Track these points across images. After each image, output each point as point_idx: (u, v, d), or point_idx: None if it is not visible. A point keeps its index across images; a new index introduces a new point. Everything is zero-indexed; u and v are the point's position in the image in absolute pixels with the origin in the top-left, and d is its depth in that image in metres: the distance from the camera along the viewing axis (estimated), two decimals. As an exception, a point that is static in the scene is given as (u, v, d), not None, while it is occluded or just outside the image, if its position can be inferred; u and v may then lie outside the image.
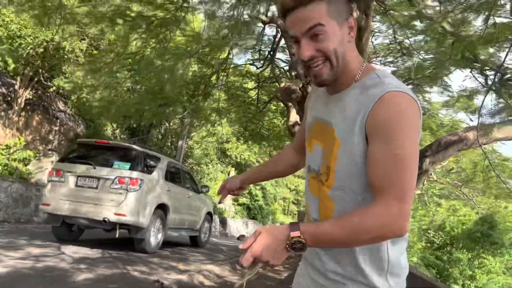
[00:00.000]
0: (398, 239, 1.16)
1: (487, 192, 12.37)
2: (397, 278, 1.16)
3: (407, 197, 1.03)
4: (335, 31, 1.11)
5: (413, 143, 1.05)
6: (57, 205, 6.81)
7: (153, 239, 7.38)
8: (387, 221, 1.02)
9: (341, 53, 1.13)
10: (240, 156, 25.93)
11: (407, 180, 1.04)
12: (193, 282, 5.47)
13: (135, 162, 7.08)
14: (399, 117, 1.04)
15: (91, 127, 15.02)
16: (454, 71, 9.62)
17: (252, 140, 14.44)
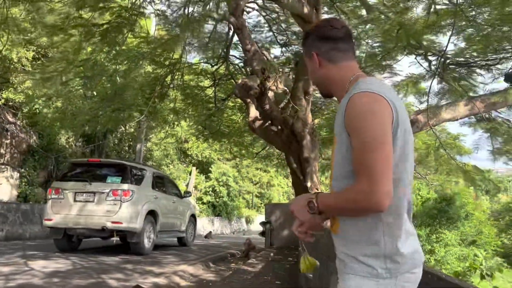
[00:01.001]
0: (393, 229, 1.32)
1: (439, 170, 13.07)
2: (395, 264, 1.30)
3: (377, 175, 1.23)
4: (308, 66, 1.56)
5: (378, 131, 1.27)
6: (59, 220, 7.75)
7: (147, 241, 8.32)
8: (359, 195, 1.25)
9: (315, 80, 1.57)
10: (201, 154, 25.87)
11: (375, 161, 1.24)
12: (170, 284, 5.53)
13: (125, 176, 8.10)
14: (363, 113, 1.29)
15: (44, 137, 14.53)
16: (401, 59, 10.09)
17: (213, 138, 14.48)
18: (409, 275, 1.33)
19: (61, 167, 15.32)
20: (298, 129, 9.11)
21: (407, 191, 1.36)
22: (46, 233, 11.90)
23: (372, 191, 1.23)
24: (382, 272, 1.30)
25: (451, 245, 15.90)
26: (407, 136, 1.35)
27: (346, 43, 1.51)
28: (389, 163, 1.26)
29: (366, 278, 1.31)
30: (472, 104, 8.62)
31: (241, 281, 4.87)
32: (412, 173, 1.41)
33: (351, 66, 1.49)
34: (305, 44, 1.56)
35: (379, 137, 1.26)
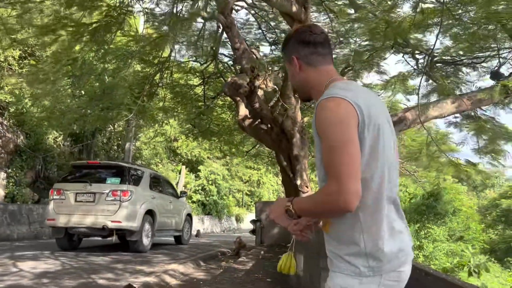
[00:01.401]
0: (372, 227, 1.36)
1: (429, 167, 13.20)
2: (378, 262, 1.33)
3: (343, 176, 1.27)
4: (289, 70, 1.61)
5: (343, 134, 1.32)
6: (60, 219, 8.07)
7: (145, 240, 8.70)
8: (328, 197, 1.31)
9: (296, 83, 1.62)
10: (191, 153, 25.79)
11: (342, 163, 1.29)
12: (161, 283, 5.53)
13: (124, 177, 8.47)
14: (327, 118, 1.36)
15: (31, 137, 14.37)
16: (388, 57, 10.16)
17: (202, 137, 14.45)
18: (395, 273, 1.36)
19: (49, 167, 15.18)
20: (288, 128, 9.15)
21: (385, 188, 1.38)
22: (34, 233, 11.81)
23: (340, 191, 1.27)
24: (365, 270, 1.33)
25: (439, 241, 16.11)
26: (379, 133, 1.38)
27: (325, 48, 1.56)
28: (354, 164, 1.30)
29: (350, 276, 1.35)
30: (459, 101, 8.72)
31: (231, 279, 4.89)
32: (394, 169, 1.45)
33: (329, 70, 1.55)
34: (286, 48, 1.61)
35: (342, 140, 1.31)
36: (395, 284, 1.37)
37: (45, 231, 12.38)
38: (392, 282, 1.36)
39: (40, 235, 12.10)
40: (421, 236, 16.40)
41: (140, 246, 8.52)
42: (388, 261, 1.34)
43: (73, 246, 8.70)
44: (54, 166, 15.48)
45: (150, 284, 5.26)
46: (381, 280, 1.33)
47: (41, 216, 12.48)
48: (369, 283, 1.33)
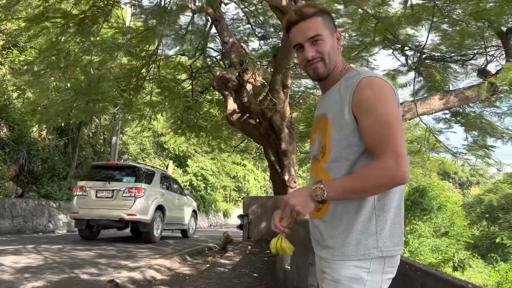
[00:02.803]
0: (384, 210, 1.36)
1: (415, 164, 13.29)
2: (386, 245, 1.34)
3: (398, 149, 1.28)
4: (328, 39, 1.47)
5: (392, 110, 1.34)
6: (83, 212, 9.24)
7: (156, 231, 9.84)
8: (383, 171, 1.28)
9: (332, 56, 1.48)
10: (178, 148, 25.61)
11: (395, 136, 1.30)
12: (146, 278, 5.44)
13: (138, 176, 9.63)
14: (375, 93, 1.34)
15: (15, 130, 14.09)
16: (377, 52, 10.16)
17: (190, 132, 14.32)
18: (394, 260, 1.38)
19: (33, 160, 14.92)
20: (276, 122, 9.10)
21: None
22: (17, 227, 11.61)
23: (398, 165, 1.27)
24: (374, 251, 1.33)
25: (424, 237, 16.26)
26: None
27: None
28: (404, 139, 1.33)
29: (355, 263, 1.33)
30: (447, 98, 8.77)
31: (218, 274, 4.83)
32: None
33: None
34: (329, 19, 1.51)
35: (395, 116, 1.33)
36: (393, 270, 1.39)
37: (28, 226, 12.19)
38: (391, 268, 1.38)
39: (24, 230, 11.89)
40: (406, 232, 16.56)
41: (151, 237, 9.60)
42: (393, 246, 1.36)
43: (93, 236, 9.96)
44: (39, 160, 15.21)
45: (134, 279, 5.17)
46: (385, 266, 1.35)
47: (25, 210, 12.28)
48: (375, 268, 1.33)
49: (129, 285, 4.85)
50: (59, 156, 16.43)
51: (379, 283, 1.34)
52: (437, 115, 9.75)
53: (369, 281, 1.32)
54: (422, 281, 1.95)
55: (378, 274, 1.33)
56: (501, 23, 8.21)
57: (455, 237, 17.49)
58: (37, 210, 12.86)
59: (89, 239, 9.68)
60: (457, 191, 44.98)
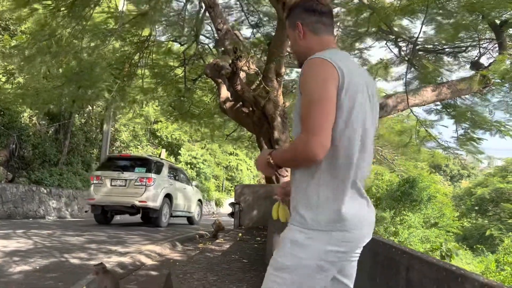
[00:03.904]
0: (330, 186, 1.44)
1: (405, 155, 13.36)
2: (320, 211, 1.43)
3: (314, 127, 1.38)
4: (291, 36, 1.68)
5: (318, 89, 1.41)
6: (99, 199, 10.17)
7: (164, 217, 10.79)
8: (298, 145, 1.41)
9: (295, 48, 1.68)
10: (171, 136, 25.53)
11: (315, 116, 1.39)
12: (135, 263, 5.45)
13: (149, 167, 10.51)
14: (307, 74, 1.46)
15: (5, 114, 13.94)
16: (372, 43, 10.15)
17: (182, 119, 14.26)
18: (347, 234, 1.43)
19: (24, 146, 14.80)
20: (270, 111, 9.09)
21: (353, 157, 1.45)
22: (7, 213, 11.55)
23: (309, 141, 1.37)
24: (312, 223, 1.42)
25: (414, 227, 16.41)
26: (355, 104, 1.45)
27: (329, 18, 1.65)
28: (327, 118, 1.39)
29: (298, 229, 1.45)
30: (439, 90, 8.79)
31: (208, 259, 4.85)
32: (366, 144, 1.51)
33: (330, 40, 1.64)
34: (291, 15, 1.67)
35: (320, 95, 1.40)
36: (347, 244, 1.44)
37: (19, 211, 12.13)
38: (342, 243, 1.43)
39: (14, 215, 11.84)
40: (396, 222, 16.70)
41: (160, 222, 10.56)
42: (339, 220, 1.41)
43: (107, 221, 10.93)
44: (29, 145, 15.09)
45: (124, 264, 5.18)
46: (330, 237, 1.41)
47: (15, 195, 12.21)
48: (316, 236, 1.42)
49: (119, 270, 4.85)
50: (50, 142, 16.30)
51: (319, 252, 1.41)
52: (429, 107, 9.78)
53: (308, 247, 1.41)
54: (408, 264, 1.97)
55: (318, 243, 1.41)
56: (495, 16, 8.22)
57: (444, 228, 17.68)
58: (28, 195, 12.80)
59: (103, 223, 10.66)
60: (447, 183, 45.39)
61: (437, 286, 1.76)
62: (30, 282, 4.14)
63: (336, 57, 1.47)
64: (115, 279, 3.83)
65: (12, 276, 4.34)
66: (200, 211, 13.94)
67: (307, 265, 1.42)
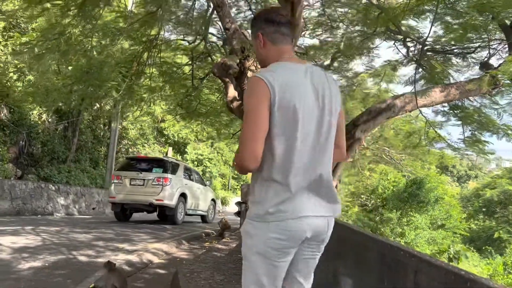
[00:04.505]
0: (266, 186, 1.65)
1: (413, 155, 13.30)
2: (260, 206, 1.65)
3: (243, 140, 1.60)
4: (254, 45, 1.85)
5: (252, 105, 1.61)
6: (119, 198, 10.81)
7: (179, 215, 11.47)
8: (235, 157, 1.65)
9: (257, 55, 1.87)
10: (178, 134, 25.60)
11: (246, 129, 1.62)
12: (143, 261, 5.49)
13: (165, 168, 11.19)
14: (245, 92, 1.68)
15: (15, 112, 14.07)
16: (380, 43, 10.11)
17: (189, 118, 14.27)
18: (283, 223, 1.61)
19: (33, 143, 14.93)
20: (276, 111, 9.07)
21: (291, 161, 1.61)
22: (16, 209, 11.66)
23: (240, 152, 1.59)
24: (254, 216, 1.67)
25: (420, 228, 16.33)
26: (293, 114, 1.60)
27: (287, 28, 1.78)
28: (256, 132, 1.58)
29: (248, 221, 1.70)
30: (448, 91, 8.73)
31: (214, 258, 4.88)
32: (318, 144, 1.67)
33: (286, 49, 1.78)
34: (253, 25, 1.84)
35: (250, 110, 1.60)
36: (287, 233, 1.62)
37: (27, 208, 12.24)
38: (282, 231, 1.62)
39: (23, 211, 11.95)
40: (403, 223, 16.63)
41: (175, 219, 11.24)
42: (269, 214, 1.62)
43: (126, 218, 11.55)
44: (38, 143, 15.22)
45: (132, 262, 5.22)
46: (268, 227, 1.62)
47: (24, 192, 12.32)
48: (259, 227, 1.64)
49: (126, 267, 4.89)
50: (58, 139, 16.43)
51: (264, 239, 1.63)
52: (436, 108, 9.72)
53: (254, 235, 1.66)
54: (416, 267, 1.98)
55: (262, 232, 1.63)
56: (505, 16, 8.14)
57: (451, 229, 17.57)
58: (36, 192, 12.91)
59: (123, 221, 11.29)
60: (455, 184, 45.11)
61: (445, 290, 1.76)
62: (39, 279, 4.19)
63: (271, 73, 1.63)
64: (123, 277, 3.86)
65: (21, 273, 4.39)
66: (213, 210, 14.68)
67: (257, 251, 1.65)
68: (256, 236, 1.65)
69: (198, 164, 25.96)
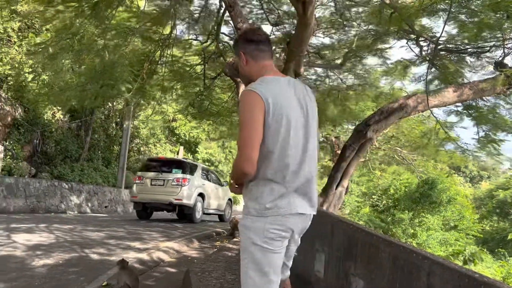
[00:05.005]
0: (262, 187, 1.85)
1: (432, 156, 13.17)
2: (259, 207, 1.85)
3: (241, 147, 1.80)
4: (238, 63, 2.06)
5: (248, 116, 1.80)
6: (141, 197, 11.37)
7: (197, 214, 11.97)
8: (234, 163, 1.86)
9: (241, 72, 2.07)
10: (189, 134, 25.70)
11: (242, 136, 1.80)
12: (154, 259, 5.53)
13: (184, 169, 11.73)
14: (241, 104, 1.85)
15: (29, 110, 14.27)
16: (393, 44, 10.03)
17: (200, 117, 14.34)
18: (279, 217, 1.83)
19: (47, 142, 15.12)
20: (287, 110, 9.05)
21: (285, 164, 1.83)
22: (30, 207, 11.82)
23: (239, 157, 1.80)
24: (254, 211, 1.86)
25: (433, 229, 16.17)
26: (284, 122, 1.83)
27: (266, 45, 2.01)
28: (252, 139, 1.78)
29: (246, 216, 1.89)
30: (461, 90, 8.64)
31: (225, 257, 4.89)
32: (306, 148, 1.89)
33: (266, 65, 2.00)
34: (236, 45, 2.08)
35: (246, 120, 1.80)
36: (283, 226, 1.85)
37: (41, 206, 12.40)
38: (278, 224, 1.84)
39: (37, 209, 12.11)
40: (415, 224, 16.49)
41: (193, 218, 11.74)
42: (266, 209, 1.83)
43: (147, 216, 12.20)
44: (52, 141, 15.41)
45: (143, 260, 5.26)
46: (266, 220, 1.83)
47: (38, 190, 12.48)
48: (258, 221, 1.84)
49: (138, 266, 4.93)
50: (71, 138, 16.61)
51: (262, 230, 1.83)
52: (449, 108, 9.61)
53: (253, 228, 1.84)
54: (429, 270, 1.96)
55: (260, 224, 1.83)
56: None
57: (464, 231, 17.38)
58: (50, 190, 13.07)
59: (144, 219, 11.95)
60: (467, 185, 44.58)
61: (459, 293, 1.74)
62: (53, 276, 4.24)
63: (265, 86, 1.84)
64: (135, 275, 3.89)
65: (35, 270, 4.45)
66: (230, 209, 15.07)
67: (255, 242, 1.83)
68: (255, 229, 1.85)
69: (209, 164, 26.02)
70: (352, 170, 8.81)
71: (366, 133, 8.32)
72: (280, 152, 1.82)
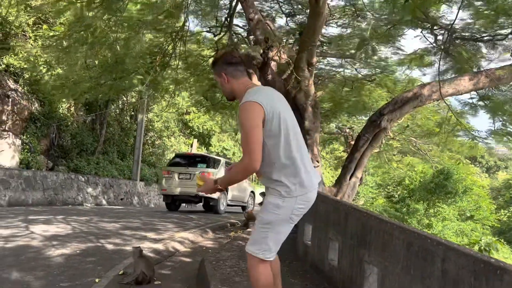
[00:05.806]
0: (283, 172, 2.26)
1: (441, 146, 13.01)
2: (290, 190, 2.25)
3: (251, 151, 2.18)
4: (218, 81, 2.49)
5: (249, 125, 2.19)
6: (170, 190, 12.32)
7: (221, 206, 12.72)
8: (244, 166, 2.24)
9: (223, 90, 2.48)
10: (203, 126, 25.79)
11: (249, 142, 2.18)
12: (169, 249, 5.59)
13: (208, 163, 12.67)
14: (243, 115, 2.22)
15: (45, 105, 14.46)
16: (406, 32, 9.89)
17: (214, 110, 14.36)
18: (304, 197, 2.28)
19: (63, 135, 15.33)
20: (300, 101, 9.01)
21: (288, 151, 2.26)
22: (48, 199, 12.03)
23: (250, 161, 2.19)
24: (284, 193, 2.25)
25: (448, 220, 16.01)
26: (281, 121, 2.25)
27: (242, 66, 2.41)
28: (256, 143, 2.18)
29: (277, 197, 2.27)
30: (477, 78, 8.49)
31: (239, 247, 4.92)
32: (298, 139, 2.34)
33: (245, 81, 2.42)
34: (215, 66, 2.45)
35: (249, 128, 2.19)
36: (306, 203, 2.31)
37: (59, 198, 12.61)
38: (303, 202, 2.29)
39: (54, 202, 12.33)
40: (430, 214, 16.35)
41: (218, 210, 12.50)
42: (295, 190, 2.26)
43: (176, 208, 13.15)
44: (68, 135, 15.62)
45: (158, 250, 5.32)
46: (296, 200, 2.26)
47: (55, 183, 12.69)
48: (289, 201, 2.25)
49: (154, 256, 4.99)
50: (87, 131, 16.82)
51: (291, 209, 2.26)
52: (464, 99, 9.47)
53: (284, 207, 2.25)
54: (444, 255, 1.94)
55: (291, 204, 2.26)
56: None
57: (480, 221, 17.17)
58: (67, 183, 13.28)
59: (173, 210, 12.84)
60: (484, 175, 43.98)
61: (475, 278, 1.73)
62: (71, 265, 4.33)
63: (258, 96, 2.25)
64: (151, 264, 3.95)
65: (53, 259, 4.54)
66: (253, 201, 15.75)
67: (283, 218, 2.27)
68: (285, 208, 2.26)
69: (223, 156, 26.15)
70: (366, 160, 8.76)
71: (380, 123, 8.23)
72: (285, 145, 2.26)
